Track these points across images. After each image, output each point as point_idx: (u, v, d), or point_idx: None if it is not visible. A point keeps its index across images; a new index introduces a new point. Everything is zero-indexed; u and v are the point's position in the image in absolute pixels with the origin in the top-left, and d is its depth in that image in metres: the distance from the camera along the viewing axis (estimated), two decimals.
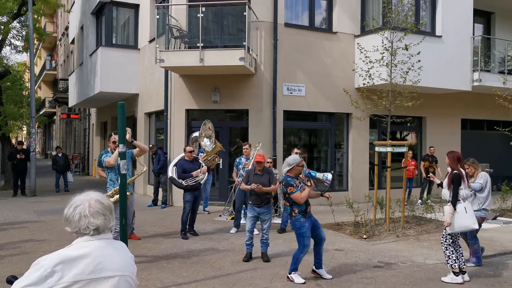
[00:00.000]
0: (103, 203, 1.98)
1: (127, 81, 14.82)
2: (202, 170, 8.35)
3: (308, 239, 5.71)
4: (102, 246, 1.95)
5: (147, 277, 5.88)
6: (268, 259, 6.70)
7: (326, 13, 12.94)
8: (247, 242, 6.77)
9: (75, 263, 1.84)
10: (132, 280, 2.04)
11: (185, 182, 8.21)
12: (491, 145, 15.41)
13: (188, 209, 8.28)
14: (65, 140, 33.84)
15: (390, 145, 8.71)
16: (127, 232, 5.52)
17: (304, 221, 5.68)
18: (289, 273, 5.78)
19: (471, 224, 5.78)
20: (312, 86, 12.35)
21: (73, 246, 1.93)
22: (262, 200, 6.72)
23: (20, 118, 17.61)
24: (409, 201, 10.47)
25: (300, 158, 5.92)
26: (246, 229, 6.77)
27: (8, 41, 18.50)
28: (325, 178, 5.66)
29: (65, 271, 1.81)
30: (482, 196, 6.56)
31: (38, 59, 45.42)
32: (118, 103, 4.69)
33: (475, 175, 6.72)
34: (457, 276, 5.74)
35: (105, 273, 1.90)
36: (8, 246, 7.49)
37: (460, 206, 5.79)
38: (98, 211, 1.93)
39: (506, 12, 15.79)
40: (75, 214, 1.92)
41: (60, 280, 1.80)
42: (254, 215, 6.74)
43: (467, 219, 5.76)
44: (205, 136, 9.22)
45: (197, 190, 8.39)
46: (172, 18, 11.57)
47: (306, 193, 5.64)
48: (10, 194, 14.43)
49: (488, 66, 14.09)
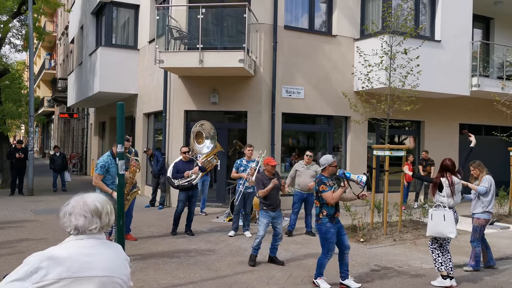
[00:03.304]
0: (88, 204, 2.01)
1: (126, 81, 14.81)
2: (193, 170, 8.38)
3: (333, 244, 5.58)
4: (91, 246, 1.98)
5: (143, 278, 5.87)
6: (283, 262, 6.64)
7: (326, 16, 12.96)
8: (256, 247, 6.57)
9: (60, 261, 1.88)
10: (123, 282, 2.04)
11: (176, 182, 8.32)
12: (489, 150, 15.43)
13: (181, 207, 8.44)
14: (63, 139, 33.79)
15: (388, 149, 8.72)
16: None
17: (330, 227, 5.51)
18: (314, 279, 5.69)
19: (446, 232, 5.75)
20: (311, 89, 12.36)
21: (62, 244, 1.97)
22: (277, 204, 6.64)
23: (19, 117, 17.59)
24: (407, 205, 10.48)
25: (332, 158, 5.73)
26: (260, 235, 6.55)
27: (8, 39, 18.48)
28: (359, 179, 5.51)
29: (50, 268, 1.85)
30: (486, 199, 6.56)
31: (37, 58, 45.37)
32: (118, 103, 4.69)
33: (480, 177, 6.72)
34: (445, 279, 5.75)
35: (90, 273, 1.91)
36: (4, 245, 7.48)
37: (439, 212, 5.81)
38: (80, 212, 1.98)
39: (505, 17, 15.84)
40: (61, 211, 2.01)
41: (45, 276, 1.84)
42: (269, 220, 6.57)
43: (444, 227, 5.74)
44: (206, 138, 9.10)
45: (191, 190, 8.43)
46: (172, 19, 11.58)
47: (338, 193, 5.48)
48: (8, 193, 14.39)
49: (487, 71, 14.12)
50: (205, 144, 9.09)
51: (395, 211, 9.23)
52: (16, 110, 17.48)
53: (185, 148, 8.77)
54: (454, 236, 5.77)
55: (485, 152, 15.38)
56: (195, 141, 8.91)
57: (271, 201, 6.54)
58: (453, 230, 5.73)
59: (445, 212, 5.78)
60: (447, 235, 5.78)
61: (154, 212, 11.23)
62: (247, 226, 8.78)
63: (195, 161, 8.64)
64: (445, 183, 5.82)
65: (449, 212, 5.77)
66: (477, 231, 6.58)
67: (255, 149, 11.61)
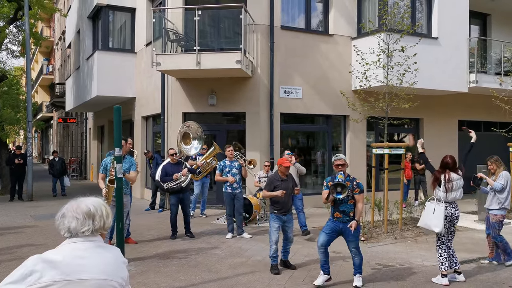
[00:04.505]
0: (81, 207, 2.02)
1: (124, 85, 14.80)
2: (182, 172, 8.28)
3: (323, 238, 5.63)
4: (85, 249, 1.97)
5: (144, 281, 5.85)
6: (295, 266, 6.47)
7: (322, 16, 12.96)
8: (273, 255, 6.25)
9: (55, 264, 1.88)
10: (120, 285, 2.02)
11: (166, 185, 8.22)
12: (488, 146, 15.42)
13: (174, 211, 8.38)
14: (62, 144, 33.75)
15: (387, 147, 8.71)
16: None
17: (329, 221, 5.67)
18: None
19: (432, 225, 5.83)
20: (309, 89, 12.35)
21: (58, 248, 1.98)
22: (288, 207, 6.44)
23: (17, 123, 17.56)
24: (407, 203, 10.47)
25: (336, 157, 5.69)
26: (272, 241, 6.23)
27: (5, 45, 18.49)
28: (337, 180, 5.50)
29: (45, 271, 1.86)
30: (502, 196, 6.57)
31: (35, 63, 45.33)
32: (115, 106, 4.68)
33: (497, 173, 6.71)
34: (443, 278, 5.78)
35: (85, 275, 1.91)
36: (4, 251, 7.45)
37: (431, 205, 5.91)
38: (72, 214, 1.99)
39: (501, 13, 15.84)
40: (57, 215, 2.02)
41: (39, 279, 1.84)
42: (280, 224, 6.28)
43: (431, 220, 5.83)
44: (193, 138, 8.96)
45: (181, 193, 8.34)
46: (168, 22, 11.57)
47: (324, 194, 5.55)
48: (7, 199, 14.36)
49: (484, 67, 14.12)
50: (193, 145, 8.90)
51: (396, 209, 9.21)
52: (14, 116, 17.48)
53: (172, 150, 8.65)
54: (438, 231, 5.82)
55: (484, 148, 15.38)
56: (183, 142, 8.81)
57: (282, 204, 6.28)
58: (438, 224, 5.78)
59: (436, 205, 5.86)
60: (432, 228, 5.86)
61: (154, 215, 11.21)
62: (240, 228, 8.59)
63: (183, 163, 8.58)
64: (443, 180, 5.85)
65: (440, 207, 5.82)
66: (496, 227, 6.60)
67: (254, 149, 11.66)
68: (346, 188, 5.37)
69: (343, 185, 5.38)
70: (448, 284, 5.74)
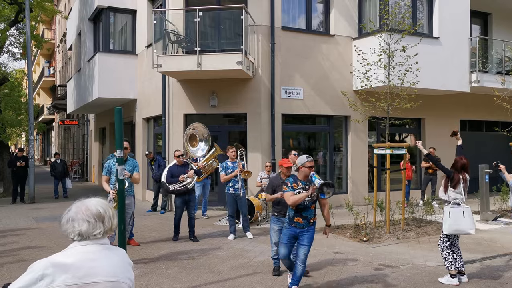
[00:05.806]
0: (90, 209, 1.99)
1: (125, 86, 14.81)
2: (188, 174, 8.25)
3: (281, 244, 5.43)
4: (95, 251, 1.95)
5: (146, 283, 5.85)
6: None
7: (323, 16, 12.95)
8: (275, 256, 6.21)
9: (65, 268, 1.85)
10: (129, 286, 2.02)
11: (171, 187, 8.19)
12: (490, 146, 15.40)
13: (179, 213, 8.33)
14: (63, 146, 33.79)
15: (389, 147, 8.69)
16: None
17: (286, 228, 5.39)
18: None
19: (467, 228, 5.80)
20: (310, 89, 12.34)
21: (67, 251, 1.95)
22: None
23: (19, 125, 17.58)
24: (409, 203, 10.45)
25: (307, 159, 5.31)
26: (273, 243, 6.20)
27: (6, 48, 18.52)
28: (318, 184, 5.17)
29: (56, 275, 1.83)
30: None
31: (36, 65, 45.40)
32: (116, 108, 4.67)
33: None
34: (453, 278, 5.76)
35: (97, 278, 1.90)
36: (7, 254, 7.45)
37: (457, 210, 5.84)
38: (82, 217, 1.96)
39: (503, 12, 15.82)
40: (64, 218, 1.98)
41: (51, 283, 1.82)
42: (281, 227, 6.04)
43: (464, 224, 5.79)
44: (200, 140, 8.96)
45: (187, 195, 8.30)
46: (169, 23, 11.58)
47: (297, 197, 5.15)
48: (9, 201, 14.38)
49: (486, 67, 14.09)
50: (200, 146, 8.87)
51: (398, 210, 9.20)
52: (16, 118, 17.50)
53: (179, 152, 8.61)
54: (474, 232, 5.85)
55: (486, 147, 15.37)
56: (189, 144, 8.80)
57: (282, 206, 6.12)
58: (472, 226, 5.81)
59: (464, 209, 5.83)
60: (467, 231, 5.82)
61: (156, 217, 11.21)
62: (247, 228, 8.68)
63: (189, 165, 8.57)
64: (462, 181, 5.92)
65: (467, 209, 5.84)
66: None
67: (255, 150, 11.65)
68: (332, 189, 5.08)
69: (332, 186, 5.11)
70: (458, 284, 5.72)
